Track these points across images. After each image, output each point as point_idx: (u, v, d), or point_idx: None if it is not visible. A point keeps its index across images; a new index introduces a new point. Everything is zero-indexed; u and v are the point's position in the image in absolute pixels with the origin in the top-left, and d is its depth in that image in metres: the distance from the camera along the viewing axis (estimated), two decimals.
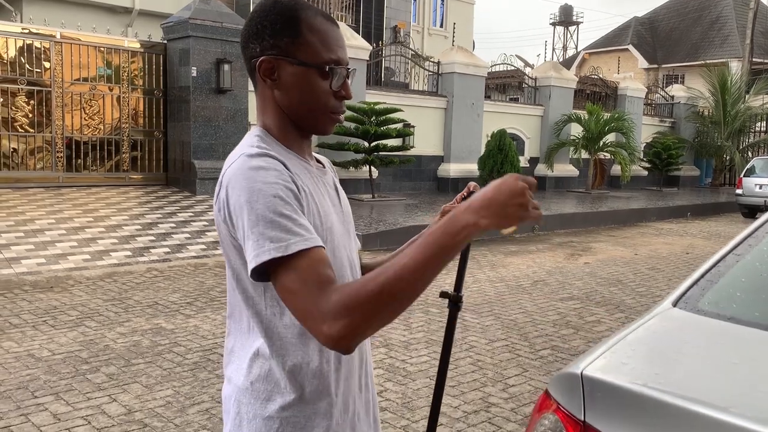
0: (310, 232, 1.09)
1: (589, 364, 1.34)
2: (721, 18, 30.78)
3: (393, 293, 1.00)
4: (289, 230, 1.07)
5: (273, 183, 1.11)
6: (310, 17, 1.21)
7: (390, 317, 1.03)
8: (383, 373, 4.25)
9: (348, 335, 1.00)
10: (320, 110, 1.24)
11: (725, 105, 19.99)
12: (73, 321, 5.19)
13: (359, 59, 12.43)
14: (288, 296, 1.06)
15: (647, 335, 1.51)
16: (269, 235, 1.06)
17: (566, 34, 54.19)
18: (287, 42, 1.20)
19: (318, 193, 1.24)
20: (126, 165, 10.87)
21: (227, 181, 1.15)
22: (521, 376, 4.30)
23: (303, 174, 1.22)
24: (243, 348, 1.24)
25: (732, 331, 1.46)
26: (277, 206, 1.09)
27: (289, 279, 1.05)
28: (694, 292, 1.66)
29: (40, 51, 10.00)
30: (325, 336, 1.00)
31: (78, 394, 3.79)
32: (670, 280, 7.57)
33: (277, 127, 1.26)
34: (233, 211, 1.12)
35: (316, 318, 1.01)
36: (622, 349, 1.41)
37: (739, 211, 15.21)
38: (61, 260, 7.00)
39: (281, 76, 1.22)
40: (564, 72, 17.54)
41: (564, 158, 16.85)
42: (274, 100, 1.25)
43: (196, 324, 5.19)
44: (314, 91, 1.22)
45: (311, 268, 1.05)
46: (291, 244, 1.06)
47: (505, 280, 7.19)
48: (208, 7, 10.66)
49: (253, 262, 1.07)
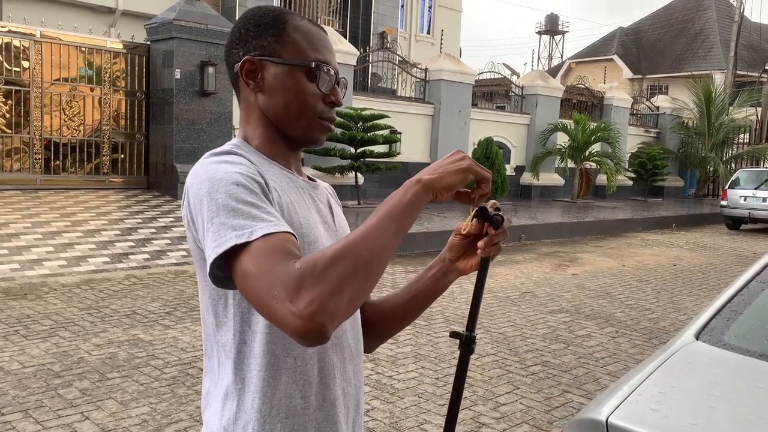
0: (280, 220, 0.96)
1: (615, 410, 1.19)
2: (705, 30, 31.10)
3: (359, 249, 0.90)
4: (255, 217, 0.94)
5: (235, 172, 0.99)
6: (297, 20, 1.15)
7: (362, 283, 0.89)
8: (370, 390, 4.09)
9: (318, 308, 0.84)
10: (307, 114, 1.13)
11: (710, 116, 20.11)
12: (47, 331, 4.97)
13: (346, 64, 12.29)
14: (246, 282, 0.90)
15: (673, 374, 1.37)
16: (231, 223, 0.93)
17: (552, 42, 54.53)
18: (271, 41, 1.12)
19: (301, 204, 1.11)
20: (106, 168, 10.62)
21: (188, 181, 1.03)
22: (512, 394, 4.16)
23: (282, 181, 1.10)
24: (216, 388, 1.09)
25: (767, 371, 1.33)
26: (240, 194, 0.96)
27: (247, 262, 0.90)
28: (717, 324, 1.52)
29: (19, 50, 9.75)
30: (293, 315, 0.84)
31: (48, 411, 3.58)
32: (658, 293, 7.49)
33: (259, 137, 1.15)
34: (193, 207, 1.00)
35: (277, 296, 0.85)
36: (649, 391, 1.27)
37: (724, 222, 15.26)
38: (36, 266, 6.76)
39: (265, 77, 1.13)
40: (551, 81, 17.54)
41: (550, 167, 16.82)
42: (258, 107, 1.14)
43: (175, 335, 5.00)
44: (300, 92, 1.12)
45: (273, 246, 0.90)
46: (256, 229, 0.92)
47: (493, 291, 7.07)
48: (193, 9, 10.47)
49: (212, 255, 0.92)
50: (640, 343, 5.47)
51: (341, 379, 1.11)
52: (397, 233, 0.96)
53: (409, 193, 0.98)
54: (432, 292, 1.20)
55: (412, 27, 22.34)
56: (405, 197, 0.97)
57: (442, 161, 1.03)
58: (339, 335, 1.11)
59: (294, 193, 1.11)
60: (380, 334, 1.29)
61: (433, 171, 1.01)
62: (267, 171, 1.08)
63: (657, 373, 1.34)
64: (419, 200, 0.98)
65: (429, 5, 23.15)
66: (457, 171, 1.01)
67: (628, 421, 1.16)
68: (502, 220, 1.11)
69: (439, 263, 1.20)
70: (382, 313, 1.26)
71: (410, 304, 1.22)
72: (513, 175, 16.05)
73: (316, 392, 1.07)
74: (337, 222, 1.21)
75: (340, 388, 1.11)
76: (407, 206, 0.97)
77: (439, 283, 1.20)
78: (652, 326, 6.04)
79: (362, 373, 1.20)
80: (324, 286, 0.85)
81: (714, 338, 1.49)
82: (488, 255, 1.13)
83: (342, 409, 1.11)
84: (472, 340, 1.10)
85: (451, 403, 1.13)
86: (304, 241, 1.06)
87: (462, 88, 14.67)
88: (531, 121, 16.76)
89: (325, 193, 1.24)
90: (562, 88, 17.73)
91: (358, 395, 1.17)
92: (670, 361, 1.40)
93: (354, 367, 1.15)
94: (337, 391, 1.10)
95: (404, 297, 1.23)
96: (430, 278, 1.20)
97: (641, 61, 32.46)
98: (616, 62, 32.03)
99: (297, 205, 1.10)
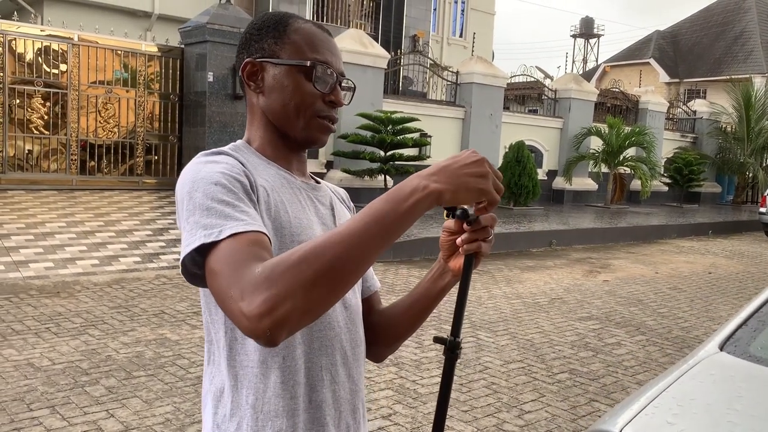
0: (254, 219, 0.94)
1: (629, 422, 1.15)
2: (746, 33, 30.34)
3: (325, 257, 0.83)
4: (227, 216, 0.93)
5: (217, 172, 0.99)
6: (300, 22, 1.15)
7: (323, 293, 0.84)
8: (393, 395, 4.07)
9: (266, 311, 0.80)
10: (305, 113, 1.12)
11: (749, 121, 19.62)
12: (77, 329, 5.06)
13: (377, 67, 12.30)
14: (211, 281, 0.89)
15: (693, 386, 1.31)
16: (203, 222, 0.93)
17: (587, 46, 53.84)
18: (271, 43, 1.13)
19: (295, 204, 1.10)
20: (140, 169, 10.80)
21: (178, 181, 1.04)
22: (538, 402, 4.09)
23: (275, 181, 1.10)
24: (212, 384, 1.09)
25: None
26: (217, 193, 0.96)
27: (214, 261, 0.89)
28: (743, 334, 1.46)
29: (58, 53, 9.97)
30: (243, 315, 0.82)
31: (75, 408, 3.64)
32: (692, 301, 7.32)
33: (260, 139, 1.16)
34: (178, 207, 1.01)
35: (234, 296, 0.84)
36: (666, 404, 1.22)
37: (763, 230, 14.85)
38: (70, 265, 6.90)
39: (265, 78, 1.14)
40: (584, 84, 17.30)
41: (583, 172, 16.59)
42: (259, 108, 1.16)
43: (201, 336, 5.04)
44: (297, 91, 1.11)
45: (241, 247, 0.89)
46: (225, 228, 0.91)
47: (521, 297, 6.98)
48: (227, 13, 10.59)
49: (183, 253, 0.93)
50: (672, 352, 5.34)
51: (331, 381, 1.09)
52: (384, 241, 0.87)
53: (412, 198, 0.88)
54: (432, 295, 1.16)
55: (444, 30, 22.25)
56: (405, 202, 0.88)
57: (460, 165, 0.92)
58: (330, 337, 1.09)
59: (288, 193, 1.11)
60: (390, 341, 1.26)
61: (448, 179, 0.90)
62: (260, 171, 1.08)
63: (676, 385, 1.29)
64: (421, 209, 0.89)
65: (462, 8, 23.04)
66: (475, 190, 0.92)
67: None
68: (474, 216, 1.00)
69: (437, 264, 1.16)
70: (390, 319, 1.24)
71: (413, 308, 1.19)
72: (545, 180, 15.87)
73: (303, 393, 1.06)
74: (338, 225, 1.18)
75: (330, 390, 1.09)
76: (405, 214, 0.88)
77: (436, 284, 1.15)
78: (685, 335, 5.90)
79: (361, 378, 1.17)
80: (277, 290, 0.81)
81: (739, 349, 1.43)
82: (468, 252, 1.03)
83: (331, 411, 1.09)
84: (456, 345, 1.02)
85: (436, 416, 1.09)
86: (294, 240, 1.05)
87: (493, 91, 14.55)
88: (564, 125, 16.55)
89: (329, 195, 1.22)
90: (596, 92, 17.48)
91: (354, 399, 1.14)
92: (692, 372, 1.34)
93: (348, 370, 1.12)
94: (325, 393, 1.08)
95: (407, 301, 1.20)
96: (428, 280, 1.16)
97: (678, 64, 31.82)
98: (653, 66, 31.44)
99: (289, 204, 1.09)
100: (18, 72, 9.65)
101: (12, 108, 9.61)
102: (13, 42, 9.58)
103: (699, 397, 1.26)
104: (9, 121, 9.59)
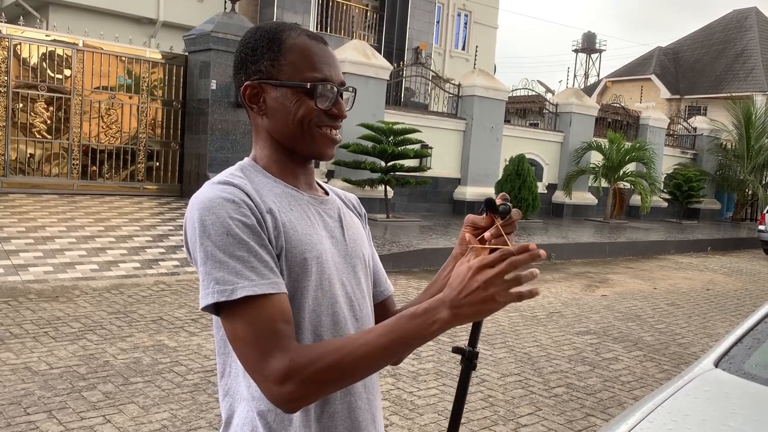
0: (263, 276, 1.00)
1: None
2: (747, 51, 30.47)
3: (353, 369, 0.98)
4: (238, 273, 1.00)
5: (226, 218, 1.03)
6: (292, 37, 1.14)
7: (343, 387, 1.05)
8: (389, 406, 4.07)
9: (291, 399, 0.97)
10: (310, 130, 1.14)
11: (749, 138, 19.69)
12: (75, 333, 5.06)
13: (379, 78, 12.36)
14: (235, 342, 1.01)
15: (688, 403, 1.33)
16: (215, 275, 1.01)
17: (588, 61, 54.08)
18: (267, 65, 1.14)
19: (303, 221, 1.13)
20: (141, 175, 10.83)
21: (187, 209, 1.09)
22: (534, 415, 4.09)
23: (283, 201, 1.12)
24: (227, 396, 1.13)
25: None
26: (228, 245, 1.02)
27: (234, 326, 1.01)
28: (738, 351, 1.48)
29: (62, 58, 10.03)
30: (272, 395, 0.98)
31: (72, 413, 3.64)
32: (690, 317, 7.32)
33: (267, 157, 1.18)
34: (189, 243, 1.08)
35: (261, 377, 0.98)
36: (661, 419, 1.23)
37: (761, 247, 14.86)
38: (69, 269, 6.90)
39: (266, 100, 1.16)
40: (586, 99, 17.37)
41: (583, 186, 16.63)
42: (264, 128, 1.18)
43: (199, 342, 5.05)
44: (299, 112, 1.13)
45: (262, 320, 0.99)
46: (237, 288, 0.99)
47: (519, 310, 6.99)
48: (231, 21, 10.66)
49: (201, 303, 1.03)
50: (669, 368, 5.35)
51: (345, 393, 1.11)
52: (401, 355, 1.00)
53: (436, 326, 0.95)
54: None
55: (447, 43, 22.36)
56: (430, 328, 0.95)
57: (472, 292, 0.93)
58: None
59: (296, 210, 1.13)
60: None
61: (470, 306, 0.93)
62: (268, 191, 1.11)
63: (671, 401, 1.30)
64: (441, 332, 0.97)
65: (465, 21, 23.16)
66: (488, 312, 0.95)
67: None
68: (509, 210, 1.06)
69: (451, 262, 1.17)
70: None
71: None
72: (545, 193, 15.91)
73: (316, 405, 1.08)
74: (348, 236, 1.20)
75: (344, 402, 1.11)
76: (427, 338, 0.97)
77: None
78: (682, 351, 5.90)
79: (376, 387, 1.20)
80: (305, 390, 0.96)
81: (734, 366, 1.45)
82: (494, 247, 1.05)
83: (346, 423, 1.11)
84: (474, 356, 1.06)
85: (450, 423, 1.11)
86: (305, 258, 1.08)
87: (495, 104, 14.62)
88: (564, 139, 16.61)
89: (336, 206, 1.24)
90: (597, 107, 17.55)
91: (373, 409, 1.17)
92: (686, 389, 1.36)
93: (363, 381, 1.14)
94: (338, 405, 1.10)
95: (420, 301, 1.21)
96: (444, 279, 1.18)
97: (679, 81, 31.93)
98: (654, 82, 31.56)
99: (297, 222, 1.11)
100: (22, 76, 9.69)
101: (15, 112, 9.64)
102: (18, 46, 9.64)
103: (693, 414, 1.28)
104: (12, 125, 9.63)
